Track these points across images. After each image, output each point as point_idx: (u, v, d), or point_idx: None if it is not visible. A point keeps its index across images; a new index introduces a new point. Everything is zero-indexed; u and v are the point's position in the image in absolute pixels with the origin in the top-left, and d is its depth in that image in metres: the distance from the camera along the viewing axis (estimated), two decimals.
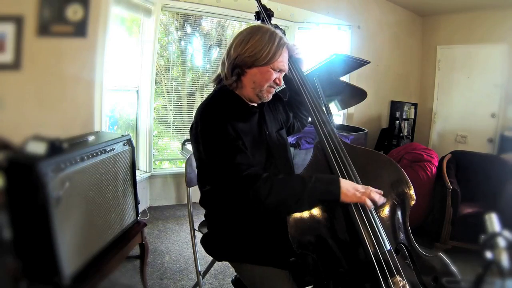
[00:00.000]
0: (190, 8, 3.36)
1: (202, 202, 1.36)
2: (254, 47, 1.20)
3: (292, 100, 1.53)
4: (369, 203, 1.07)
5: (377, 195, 1.09)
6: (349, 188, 1.08)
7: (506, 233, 0.65)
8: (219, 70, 1.31)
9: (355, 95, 3.10)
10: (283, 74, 1.28)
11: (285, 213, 1.11)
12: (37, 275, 1.18)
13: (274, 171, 1.26)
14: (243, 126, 1.22)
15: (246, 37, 1.22)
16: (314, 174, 1.12)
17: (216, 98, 1.27)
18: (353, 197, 1.08)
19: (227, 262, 1.35)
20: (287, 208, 1.10)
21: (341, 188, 1.08)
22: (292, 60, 1.35)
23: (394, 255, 1.05)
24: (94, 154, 1.50)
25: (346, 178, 1.13)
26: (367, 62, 2.69)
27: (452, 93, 4.32)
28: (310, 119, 1.41)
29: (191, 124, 1.26)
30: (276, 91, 1.35)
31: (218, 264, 2.20)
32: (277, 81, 1.25)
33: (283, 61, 1.24)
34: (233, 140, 1.15)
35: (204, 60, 3.71)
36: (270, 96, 1.29)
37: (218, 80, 1.32)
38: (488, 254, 0.62)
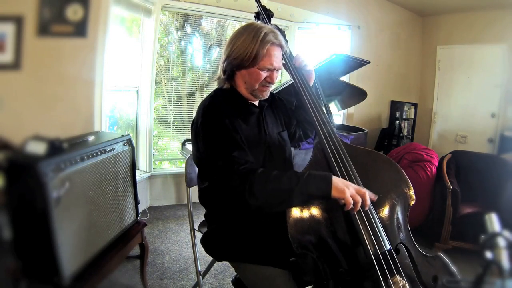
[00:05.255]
0: (190, 8, 3.36)
1: (201, 200, 1.36)
2: (238, 49, 1.18)
3: (298, 112, 1.48)
4: (357, 199, 1.03)
5: (368, 198, 1.06)
6: (340, 184, 1.05)
7: (506, 233, 0.65)
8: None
9: (355, 95, 3.11)
10: (277, 71, 1.23)
11: (276, 207, 1.08)
12: (37, 275, 1.18)
13: None
14: (242, 124, 1.22)
15: (234, 38, 1.21)
16: (309, 171, 1.10)
17: (219, 94, 1.28)
18: (343, 193, 1.03)
19: (227, 262, 1.35)
20: (278, 203, 1.07)
21: (333, 183, 1.05)
22: (292, 65, 1.33)
23: (394, 254, 1.06)
24: (94, 154, 1.50)
25: (346, 179, 1.12)
26: (367, 62, 2.70)
27: (452, 93, 4.32)
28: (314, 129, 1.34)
29: (192, 120, 1.26)
30: (276, 91, 1.34)
31: (218, 264, 2.20)
32: (268, 79, 1.22)
33: (270, 60, 1.19)
34: (232, 134, 1.15)
35: (204, 60, 3.71)
36: (267, 94, 1.29)
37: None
38: (488, 254, 0.63)
